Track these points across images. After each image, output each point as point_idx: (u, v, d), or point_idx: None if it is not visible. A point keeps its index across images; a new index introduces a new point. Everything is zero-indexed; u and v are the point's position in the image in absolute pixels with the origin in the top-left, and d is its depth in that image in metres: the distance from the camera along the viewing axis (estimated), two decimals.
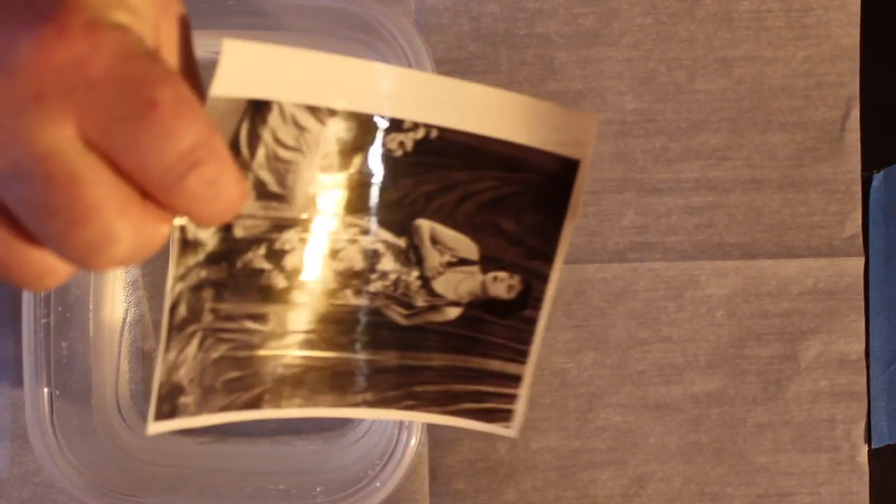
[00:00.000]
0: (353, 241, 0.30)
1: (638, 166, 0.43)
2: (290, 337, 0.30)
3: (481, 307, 0.31)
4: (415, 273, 0.31)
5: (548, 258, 0.31)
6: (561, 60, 0.43)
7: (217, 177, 0.24)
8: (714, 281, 0.43)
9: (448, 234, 0.31)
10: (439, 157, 0.29)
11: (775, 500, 0.43)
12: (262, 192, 0.28)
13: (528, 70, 0.43)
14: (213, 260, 0.28)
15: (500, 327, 0.31)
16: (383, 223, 0.30)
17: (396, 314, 0.31)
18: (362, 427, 0.42)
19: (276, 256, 0.29)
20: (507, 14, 0.43)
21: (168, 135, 0.23)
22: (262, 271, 0.29)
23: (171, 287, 0.27)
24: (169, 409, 0.28)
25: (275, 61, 0.27)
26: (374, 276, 0.30)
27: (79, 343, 0.39)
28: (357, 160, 0.29)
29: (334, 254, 0.30)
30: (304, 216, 0.29)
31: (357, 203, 0.30)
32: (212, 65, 0.43)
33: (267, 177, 0.28)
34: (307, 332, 0.30)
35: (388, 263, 0.30)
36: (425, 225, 0.30)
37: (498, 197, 0.30)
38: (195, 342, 0.28)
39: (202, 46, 0.41)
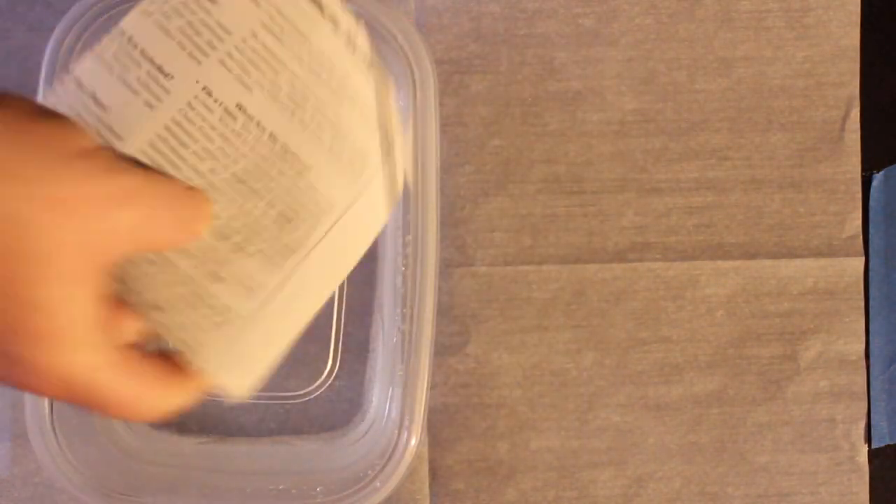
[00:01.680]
0: None
1: (638, 166, 0.43)
2: None
3: None
4: None
5: None
6: (561, 60, 0.43)
7: None
8: (714, 281, 0.43)
9: None
10: None
11: (775, 500, 0.43)
12: None
13: (528, 70, 0.43)
14: None
15: None
16: None
17: None
18: (362, 427, 0.42)
19: None
20: (507, 14, 0.43)
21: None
22: None
23: None
24: None
25: None
26: None
27: None
28: None
29: None
30: None
31: None
32: None
33: None
34: None
35: None
36: None
37: None
38: None
39: None
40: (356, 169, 0.34)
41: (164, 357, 0.30)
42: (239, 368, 0.32)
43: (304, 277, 0.33)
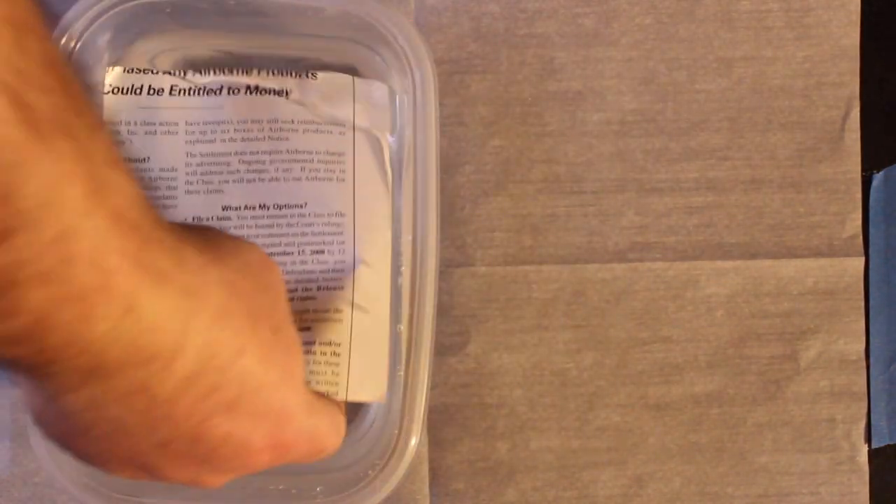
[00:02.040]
0: None
1: (638, 166, 0.43)
2: None
3: None
4: None
5: None
6: (561, 60, 0.43)
7: None
8: (714, 281, 0.43)
9: None
10: None
11: (775, 500, 0.43)
12: None
13: (528, 70, 0.43)
14: None
15: None
16: None
17: None
18: (362, 427, 0.42)
19: None
20: (507, 14, 0.43)
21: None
22: None
23: None
24: None
25: None
26: None
27: None
28: None
29: None
30: None
31: None
32: (214, 63, 0.44)
33: None
34: None
35: None
36: None
37: None
38: None
39: (204, 47, 0.42)
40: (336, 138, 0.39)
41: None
42: (369, 379, 0.38)
43: (363, 274, 0.38)
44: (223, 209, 0.38)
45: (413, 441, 0.37)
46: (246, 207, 0.38)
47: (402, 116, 0.39)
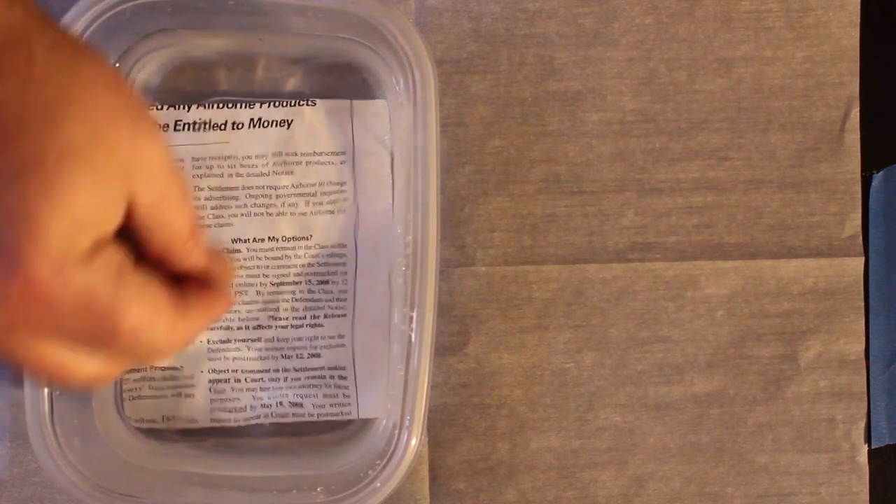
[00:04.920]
0: None
1: (638, 166, 0.43)
2: None
3: None
4: None
5: None
6: (561, 60, 0.43)
7: None
8: (714, 281, 0.43)
9: None
10: None
11: (775, 500, 0.43)
12: None
13: (528, 70, 0.43)
14: None
15: None
16: None
17: None
18: (363, 427, 0.42)
19: None
20: (507, 14, 0.43)
21: (128, 355, 0.29)
22: None
23: None
24: None
25: None
26: None
27: None
28: None
29: None
30: None
31: None
32: (211, 64, 0.44)
33: None
34: None
35: None
36: None
37: None
38: None
39: (202, 47, 0.42)
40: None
41: None
42: (375, 398, 0.42)
43: (363, 302, 0.41)
44: (233, 241, 0.40)
45: (413, 441, 0.37)
46: (255, 240, 0.40)
47: (402, 117, 0.39)
